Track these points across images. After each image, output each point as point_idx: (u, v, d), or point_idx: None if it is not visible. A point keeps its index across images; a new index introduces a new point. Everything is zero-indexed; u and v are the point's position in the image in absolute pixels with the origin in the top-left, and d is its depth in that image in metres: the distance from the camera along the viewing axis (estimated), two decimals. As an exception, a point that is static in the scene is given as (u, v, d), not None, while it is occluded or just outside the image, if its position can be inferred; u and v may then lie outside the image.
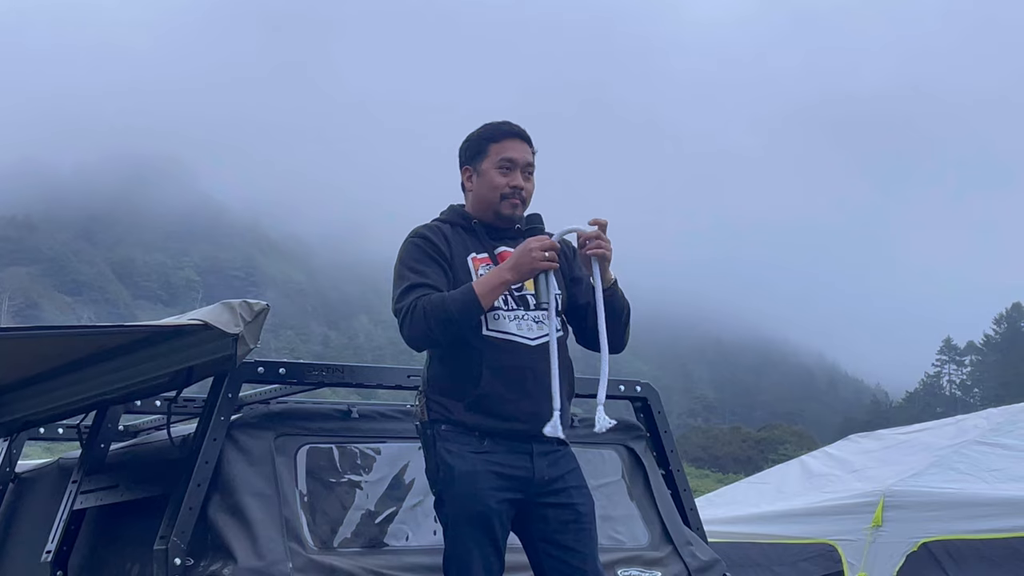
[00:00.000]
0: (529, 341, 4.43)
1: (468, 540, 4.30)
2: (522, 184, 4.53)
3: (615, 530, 5.04)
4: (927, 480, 8.29)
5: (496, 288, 4.35)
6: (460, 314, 4.31)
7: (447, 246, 4.49)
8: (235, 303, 4.38)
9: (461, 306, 4.31)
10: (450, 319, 4.30)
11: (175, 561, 4.33)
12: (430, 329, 4.31)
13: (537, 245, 4.34)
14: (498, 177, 4.53)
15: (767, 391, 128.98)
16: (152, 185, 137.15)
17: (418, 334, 4.34)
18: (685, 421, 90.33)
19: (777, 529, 8.78)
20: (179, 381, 4.83)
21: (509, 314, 4.44)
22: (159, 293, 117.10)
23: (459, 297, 4.32)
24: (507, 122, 4.64)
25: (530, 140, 4.62)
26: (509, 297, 4.45)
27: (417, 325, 4.32)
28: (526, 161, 4.56)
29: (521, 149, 4.57)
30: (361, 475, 4.73)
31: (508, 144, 4.56)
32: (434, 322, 4.30)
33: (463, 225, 4.57)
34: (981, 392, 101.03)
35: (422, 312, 4.31)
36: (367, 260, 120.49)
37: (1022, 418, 9.34)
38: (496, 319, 4.42)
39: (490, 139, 4.58)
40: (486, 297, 4.33)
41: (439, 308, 4.30)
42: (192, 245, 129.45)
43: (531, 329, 4.44)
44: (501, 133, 4.59)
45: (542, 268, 4.34)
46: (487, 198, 4.56)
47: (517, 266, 4.34)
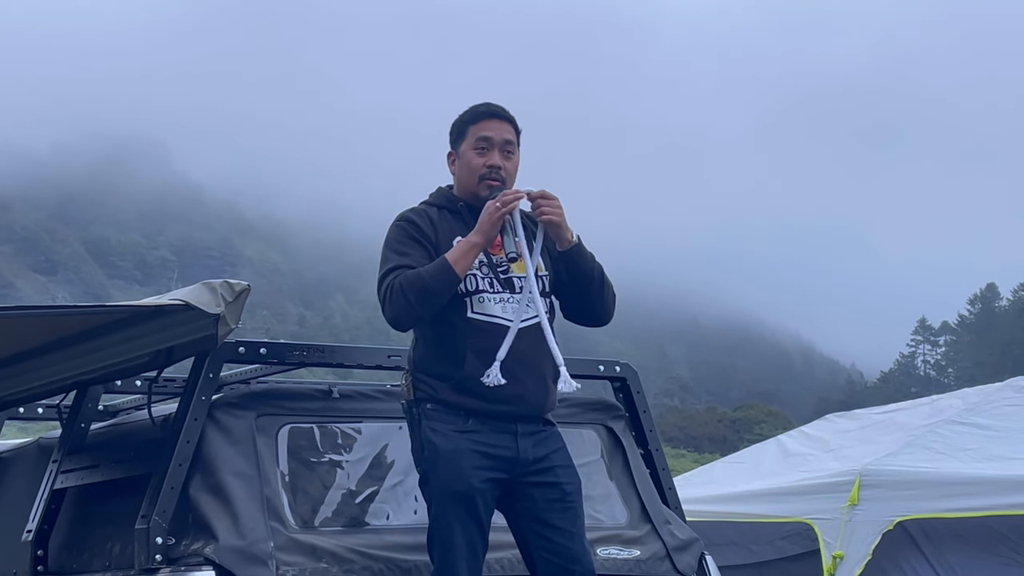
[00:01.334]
0: (513, 324, 4.44)
1: (452, 519, 4.32)
2: (499, 163, 4.53)
3: (594, 509, 5.06)
4: (903, 459, 8.34)
5: (467, 253, 4.37)
6: (436, 283, 4.32)
7: (432, 229, 4.50)
8: (216, 283, 4.38)
9: (436, 275, 4.33)
10: (427, 289, 4.32)
11: (156, 540, 4.34)
12: (409, 303, 4.33)
13: (492, 203, 4.39)
14: (476, 158, 4.54)
15: (743, 371, 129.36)
16: (128, 165, 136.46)
17: (399, 311, 4.35)
18: (661, 401, 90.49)
19: (754, 508, 8.83)
20: (160, 361, 4.83)
21: (494, 296, 4.45)
22: (134, 273, 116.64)
23: (433, 268, 4.35)
24: (487, 103, 4.64)
25: (511, 119, 4.61)
26: (495, 280, 4.47)
27: (397, 302, 4.34)
28: (504, 139, 4.55)
29: (499, 128, 4.56)
30: (342, 455, 4.74)
31: (486, 124, 4.56)
32: (412, 295, 4.32)
33: (449, 208, 4.57)
34: (955, 372, 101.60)
35: (399, 288, 4.33)
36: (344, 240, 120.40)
37: (997, 398, 9.40)
38: (481, 302, 4.44)
39: (469, 121, 4.59)
40: (459, 263, 4.35)
41: (415, 281, 4.32)
42: (167, 225, 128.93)
43: (516, 312, 4.45)
44: (479, 114, 4.59)
45: (502, 215, 4.36)
46: (467, 180, 4.57)
47: (480, 229, 4.38)
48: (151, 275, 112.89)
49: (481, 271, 4.47)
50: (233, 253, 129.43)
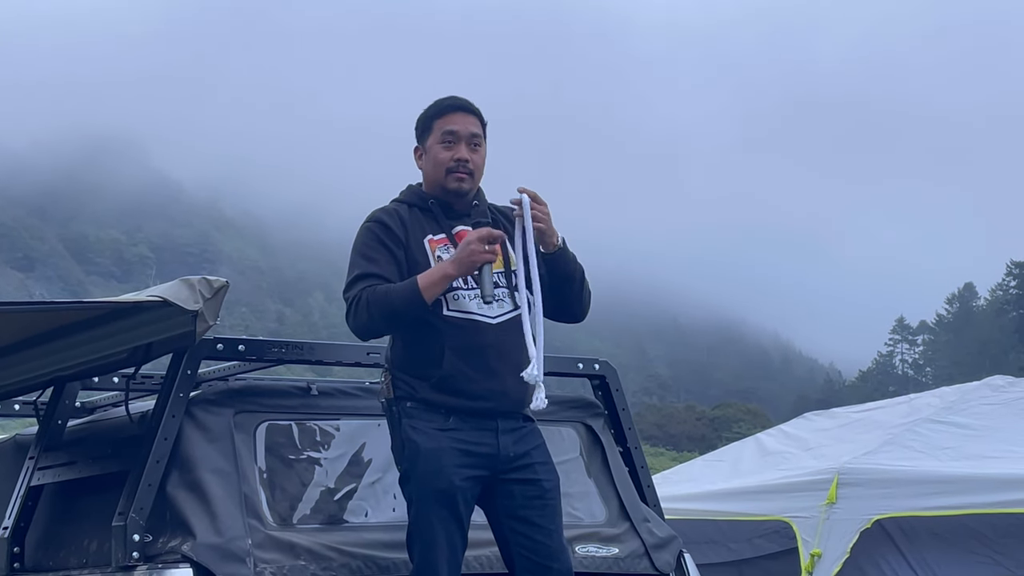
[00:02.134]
0: (490, 319, 4.44)
1: (432, 517, 4.31)
2: (466, 156, 4.51)
3: (573, 507, 5.06)
4: (881, 458, 8.37)
5: (438, 282, 4.35)
6: (403, 305, 4.33)
7: (403, 230, 4.48)
8: (194, 280, 4.36)
9: (404, 300, 4.32)
10: (393, 312, 4.33)
11: (134, 537, 4.33)
12: (372, 320, 4.34)
13: (476, 237, 4.35)
14: (442, 152, 4.52)
15: (722, 370, 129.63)
16: (106, 162, 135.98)
17: (361, 325, 4.37)
18: (640, 399, 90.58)
19: (733, 506, 8.84)
20: (137, 358, 4.82)
21: (469, 293, 4.44)
22: (112, 269, 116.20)
23: (402, 291, 4.33)
24: (451, 96, 4.62)
25: (476, 111, 4.60)
26: (469, 277, 4.45)
27: (360, 316, 4.35)
28: (470, 132, 4.53)
29: (464, 121, 4.55)
30: (320, 452, 4.73)
31: (451, 117, 4.54)
32: (376, 314, 4.32)
33: (420, 205, 4.56)
34: (933, 371, 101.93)
35: (365, 304, 4.33)
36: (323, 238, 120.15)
37: (974, 397, 9.44)
38: (456, 299, 4.42)
39: (434, 115, 4.58)
40: (428, 291, 4.33)
41: (383, 301, 4.32)
42: (146, 222, 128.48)
43: (492, 307, 4.44)
44: (444, 108, 4.58)
45: (483, 260, 4.34)
46: (434, 174, 4.55)
47: (459, 261, 4.35)
48: (130, 272, 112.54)
49: None
50: (212, 250, 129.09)
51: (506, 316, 4.46)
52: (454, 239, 4.49)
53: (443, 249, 4.47)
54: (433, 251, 4.47)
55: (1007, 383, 9.65)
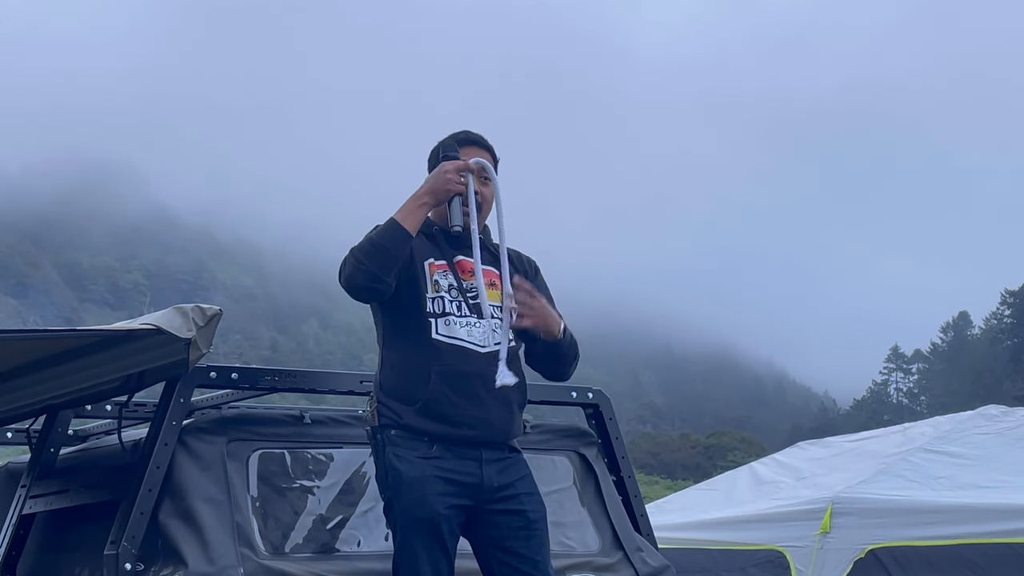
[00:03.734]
0: (480, 348, 4.43)
1: (417, 546, 4.29)
2: (477, 189, 4.51)
3: (566, 536, 5.05)
4: (875, 487, 8.36)
5: (414, 209, 4.37)
6: (384, 239, 4.31)
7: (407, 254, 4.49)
8: (187, 308, 4.36)
9: (383, 232, 4.32)
10: (375, 246, 4.30)
11: (125, 566, 4.31)
12: (359, 262, 4.29)
13: (451, 166, 4.40)
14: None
15: (716, 398, 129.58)
16: (100, 189, 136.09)
17: (350, 271, 4.32)
18: (634, 427, 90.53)
19: (726, 535, 8.82)
20: (130, 386, 4.81)
21: (461, 320, 4.44)
22: (106, 297, 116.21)
23: (382, 228, 4.34)
24: (466, 131, 4.65)
25: (489, 147, 4.62)
26: (463, 303, 4.45)
27: (348, 265, 4.32)
28: (480, 166, 4.54)
29: (476, 155, 4.56)
30: (313, 480, 4.72)
31: (464, 151, 4.55)
32: (361, 254, 4.29)
33: (424, 232, 4.56)
34: (928, 400, 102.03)
35: (350, 254, 4.33)
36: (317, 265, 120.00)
37: (969, 426, 9.43)
38: (448, 324, 4.42)
39: (448, 148, 4.57)
40: (407, 219, 4.34)
41: (365, 243, 4.32)
42: (140, 249, 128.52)
43: (483, 337, 4.43)
44: (458, 141, 4.59)
45: (455, 191, 4.38)
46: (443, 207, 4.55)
47: (432, 188, 4.38)
48: (124, 299, 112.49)
49: (450, 294, 4.46)
50: (207, 277, 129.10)
51: (497, 347, 4.45)
52: (455, 267, 4.50)
53: (441, 275, 4.47)
54: (431, 274, 4.46)
55: (1001, 412, 9.65)
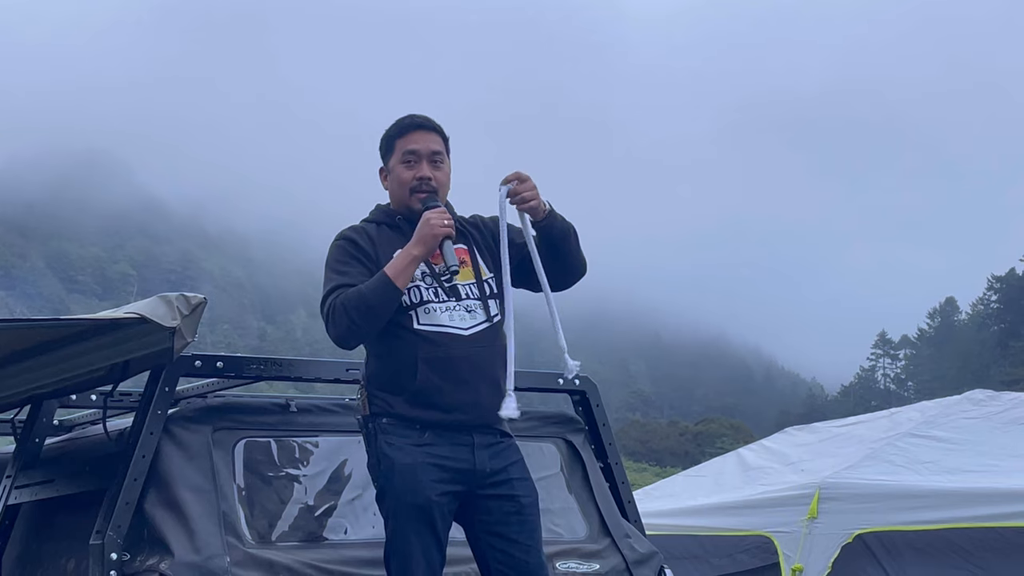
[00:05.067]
0: (462, 331, 4.43)
1: (409, 533, 4.29)
2: (428, 174, 4.51)
3: (554, 523, 5.05)
4: (862, 472, 8.37)
5: (407, 266, 4.36)
6: (378, 299, 4.31)
7: (372, 245, 4.48)
8: (172, 296, 4.34)
9: (377, 292, 4.31)
10: (369, 307, 4.30)
11: (111, 556, 4.30)
12: (352, 322, 4.31)
13: (432, 215, 4.38)
14: (404, 171, 4.53)
15: (705, 385, 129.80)
16: (88, 179, 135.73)
17: (342, 330, 4.33)
18: (623, 415, 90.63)
19: (714, 521, 8.84)
20: (115, 375, 4.79)
21: (440, 306, 4.44)
22: (94, 287, 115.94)
23: (373, 284, 4.33)
24: (410, 115, 4.63)
25: (437, 128, 4.60)
26: (439, 289, 4.45)
27: (340, 321, 4.32)
28: (430, 150, 4.54)
29: (424, 139, 4.55)
30: (299, 469, 4.72)
31: (412, 136, 4.55)
32: (355, 314, 4.30)
33: (388, 223, 4.56)
34: (915, 385, 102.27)
35: (342, 307, 4.31)
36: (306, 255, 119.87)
37: (955, 411, 9.46)
38: (428, 312, 4.42)
39: (395, 135, 4.58)
40: (399, 277, 4.34)
41: (357, 300, 4.31)
42: (128, 239, 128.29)
43: (464, 319, 4.44)
44: (404, 127, 4.58)
45: (443, 234, 4.37)
46: (399, 194, 4.56)
47: (421, 239, 4.37)
48: (111, 289, 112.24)
49: (425, 282, 4.46)
50: (194, 267, 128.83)
51: (479, 327, 4.45)
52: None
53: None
54: None
55: (988, 397, 9.68)
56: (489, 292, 4.51)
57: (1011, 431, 8.97)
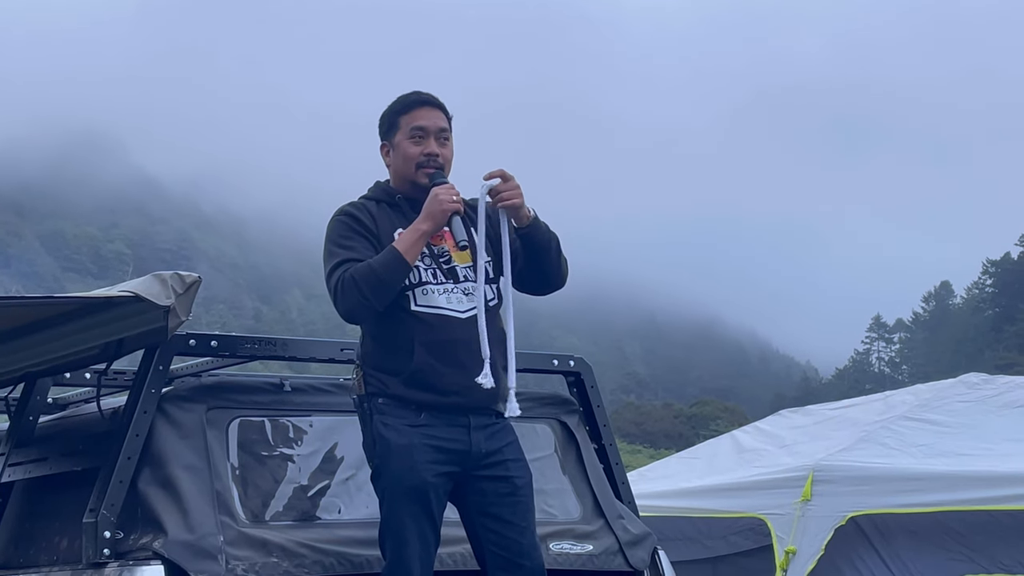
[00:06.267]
0: (459, 314, 4.44)
1: (404, 513, 4.30)
2: (436, 150, 4.52)
3: (547, 504, 5.05)
4: (856, 455, 8.37)
5: (416, 241, 4.36)
6: (388, 273, 4.31)
7: (373, 223, 4.48)
8: (166, 275, 4.34)
9: (387, 266, 4.31)
10: (380, 281, 4.30)
11: (105, 534, 4.30)
12: (363, 296, 4.30)
13: (441, 191, 4.38)
14: (411, 147, 4.52)
15: (700, 368, 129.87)
16: (84, 158, 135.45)
17: (352, 304, 4.33)
18: (618, 397, 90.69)
19: (708, 503, 8.84)
20: (109, 353, 4.79)
21: (438, 287, 4.44)
22: (89, 266, 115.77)
23: (383, 259, 4.33)
24: (416, 91, 4.63)
25: (442, 106, 4.60)
26: (438, 271, 4.46)
27: (350, 295, 4.31)
28: (438, 127, 4.54)
29: (432, 116, 4.55)
30: (293, 448, 4.71)
31: (418, 113, 4.55)
32: (366, 288, 4.30)
33: (388, 201, 4.56)
34: (909, 369, 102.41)
35: (352, 281, 4.31)
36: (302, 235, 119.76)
37: (949, 394, 9.46)
38: (425, 294, 4.42)
39: (400, 111, 4.57)
40: (409, 252, 4.34)
41: (367, 274, 4.31)
42: (123, 218, 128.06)
43: (461, 301, 4.45)
44: (410, 103, 4.58)
45: (452, 210, 4.36)
46: (403, 170, 4.55)
47: (429, 214, 4.37)
48: (106, 268, 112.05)
49: (424, 262, 4.46)
50: (189, 247, 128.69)
51: (476, 310, 4.45)
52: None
53: None
54: None
55: (982, 380, 9.67)
56: (486, 276, 4.51)
57: (1005, 414, 8.98)
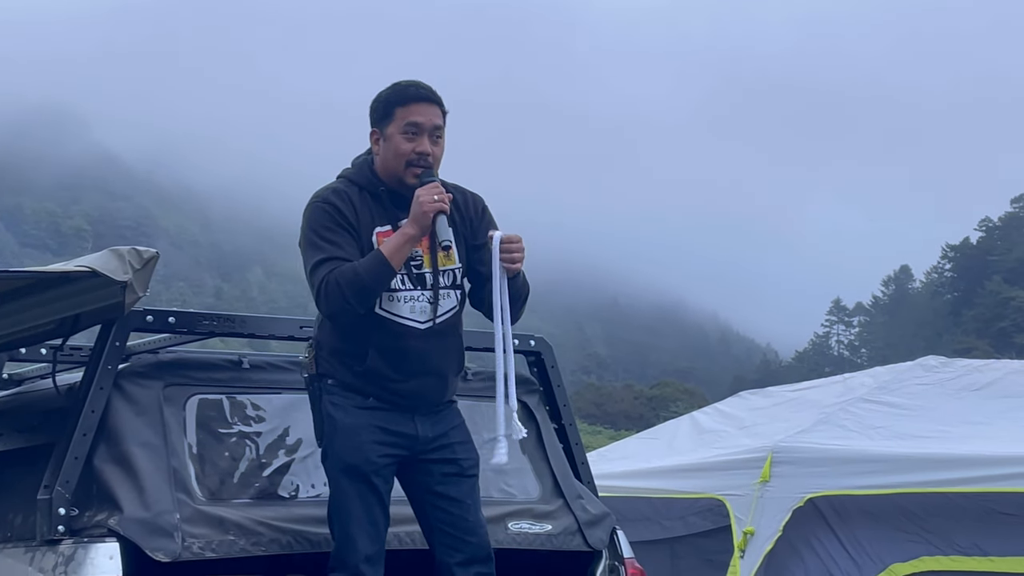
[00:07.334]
0: (419, 325, 4.42)
1: (351, 493, 4.31)
2: (428, 149, 4.43)
3: (506, 483, 5.05)
4: (814, 437, 8.40)
5: (402, 247, 4.33)
6: (373, 281, 4.29)
7: (355, 215, 4.42)
8: (123, 250, 4.30)
9: (373, 272, 4.28)
10: (364, 287, 4.28)
11: (59, 511, 4.27)
12: (347, 301, 4.28)
13: (423, 192, 4.33)
14: (404, 143, 4.43)
15: (660, 350, 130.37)
16: (44, 134, 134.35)
17: (336, 308, 4.30)
18: (579, 378, 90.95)
19: (667, 484, 8.85)
20: (65, 329, 4.75)
21: (405, 295, 4.42)
22: (48, 242, 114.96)
23: (369, 264, 4.29)
24: (415, 83, 4.51)
25: (440, 102, 4.51)
26: (407, 276, 4.42)
27: (334, 299, 4.28)
28: (433, 125, 4.45)
29: (428, 112, 4.45)
30: (251, 426, 4.69)
31: (415, 108, 4.44)
32: (350, 293, 4.27)
33: (370, 190, 4.48)
34: (868, 352, 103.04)
35: (336, 285, 4.27)
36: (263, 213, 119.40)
37: (908, 377, 9.49)
38: (391, 300, 4.40)
39: (397, 102, 4.46)
40: (395, 257, 4.31)
41: (353, 278, 4.27)
42: (83, 195, 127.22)
43: (424, 312, 4.43)
44: (408, 96, 4.46)
45: (434, 210, 4.31)
46: (392, 165, 4.46)
47: (415, 218, 4.32)
48: (65, 244, 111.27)
49: None
50: (150, 224, 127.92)
51: (438, 319, 4.45)
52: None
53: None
54: (378, 245, 4.40)
55: (940, 363, 9.72)
56: (452, 282, 4.50)
57: (963, 397, 9.03)
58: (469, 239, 4.55)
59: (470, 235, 4.55)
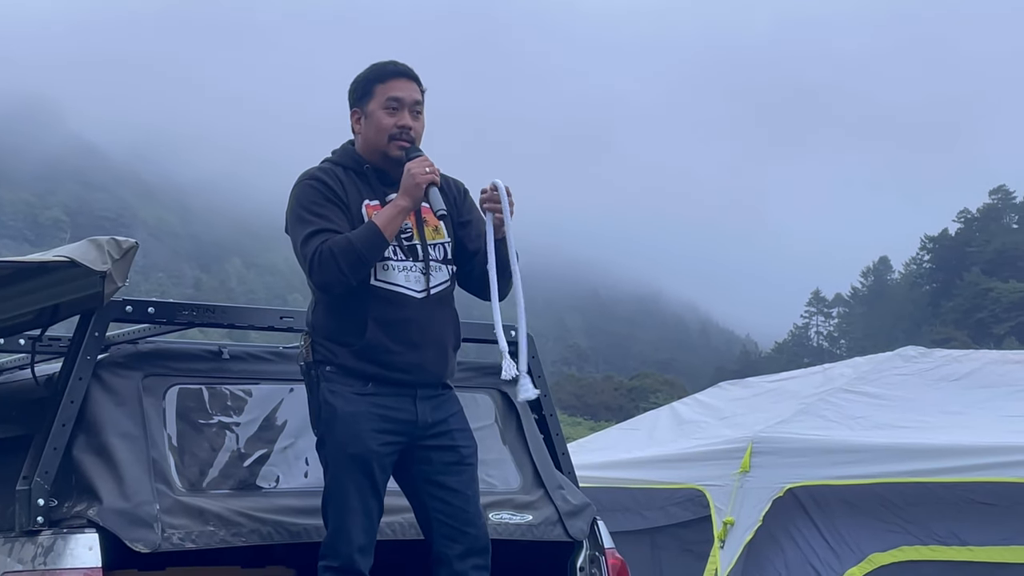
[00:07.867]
0: (415, 293, 4.44)
1: (348, 481, 4.30)
2: (410, 123, 4.49)
3: (487, 474, 5.04)
4: (794, 427, 8.42)
5: (395, 217, 4.35)
6: (367, 250, 4.30)
7: (343, 190, 4.45)
8: (102, 240, 4.28)
9: (367, 242, 4.30)
10: (359, 257, 4.29)
11: (38, 502, 4.24)
12: (341, 271, 4.28)
13: (414, 164, 4.37)
14: (385, 118, 4.48)
15: (641, 341, 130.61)
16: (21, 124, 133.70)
17: (330, 278, 4.30)
18: (559, 369, 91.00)
19: (647, 474, 8.86)
20: (44, 319, 4.73)
21: (398, 264, 4.43)
22: (25, 233, 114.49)
23: (363, 234, 4.31)
24: (393, 61, 4.59)
25: (418, 79, 4.57)
26: (399, 248, 4.44)
27: (328, 269, 4.28)
28: (413, 100, 4.52)
29: (408, 88, 4.52)
30: (231, 417, 4.67)
31: (394, 84, 4.51)
32: (344, 263, 4.27)
33: (355, 169, 4.52)
34: (848, 343, 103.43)
35: (330, 255, 4.28)
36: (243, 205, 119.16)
37: (887, 367, 9.52)
38: (385, 269, 4.41)
39: (376, 80, 4.53)
40: (388, 228, 4.33)
41: (347, 249, 4.28)
42: (61, 185, 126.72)
43: (419, 281, 4.45)
44: (387, 73, 4.54)
45: (427, 181, 4.35)
46: (375, 140, 4.51)
47: (407, 190, 4.35)
48: (43, 235, 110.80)
49: None
50: (128, 215, 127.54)
51: (433, 290, 4.47)
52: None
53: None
54: (367, 218, 4.43)
55: (919, 354, 9.75)
56: (444, 256, 4.51)
57: (941, 388, 9.06)
58: (455, 216, 4.58)
59: (455, 213, 4.58)
